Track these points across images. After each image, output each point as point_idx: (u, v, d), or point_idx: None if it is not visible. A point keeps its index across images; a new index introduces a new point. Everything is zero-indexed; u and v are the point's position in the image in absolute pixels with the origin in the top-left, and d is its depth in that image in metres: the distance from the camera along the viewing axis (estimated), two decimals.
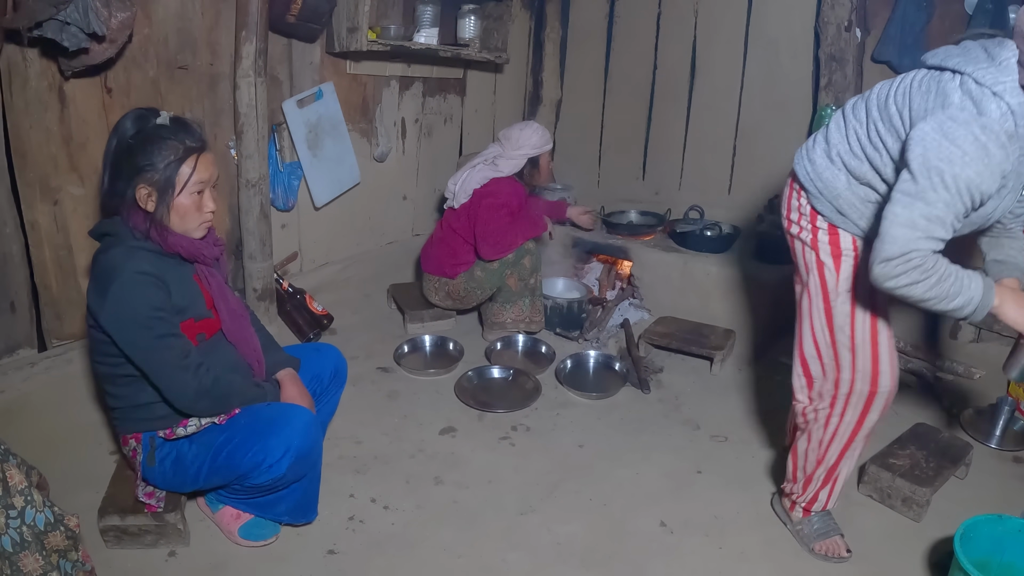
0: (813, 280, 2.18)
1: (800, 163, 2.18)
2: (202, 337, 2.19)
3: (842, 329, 2.14)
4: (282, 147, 3.71)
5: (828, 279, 2.13)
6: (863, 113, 1.98)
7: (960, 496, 2.68)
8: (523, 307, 3.98)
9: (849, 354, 2.15)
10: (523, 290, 3.95)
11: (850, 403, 2.22)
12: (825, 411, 2.29)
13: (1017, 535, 2.14)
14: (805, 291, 2.23)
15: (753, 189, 4.69)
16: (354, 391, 3.34)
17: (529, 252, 3.88)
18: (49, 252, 2.88)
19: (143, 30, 2.94)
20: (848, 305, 2.12)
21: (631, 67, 5.21)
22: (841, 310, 2.13)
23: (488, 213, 3.82)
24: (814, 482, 2.39)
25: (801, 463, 2.41)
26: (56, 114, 2.77)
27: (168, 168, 2.05)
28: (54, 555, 1.80)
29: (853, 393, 2.19)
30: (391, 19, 4.08)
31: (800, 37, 4.37)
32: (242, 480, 2.18)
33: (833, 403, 2.25)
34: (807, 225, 2.16)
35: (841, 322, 2.13)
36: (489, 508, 2.66)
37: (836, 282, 2.12)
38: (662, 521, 2.62)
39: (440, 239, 4.08)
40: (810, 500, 2.43)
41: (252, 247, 3.54)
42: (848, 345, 2.15)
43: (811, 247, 2.16)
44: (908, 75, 1.90)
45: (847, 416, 2.24)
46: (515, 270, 3.91)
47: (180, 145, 2.06)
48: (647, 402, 3.51)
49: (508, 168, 3.92)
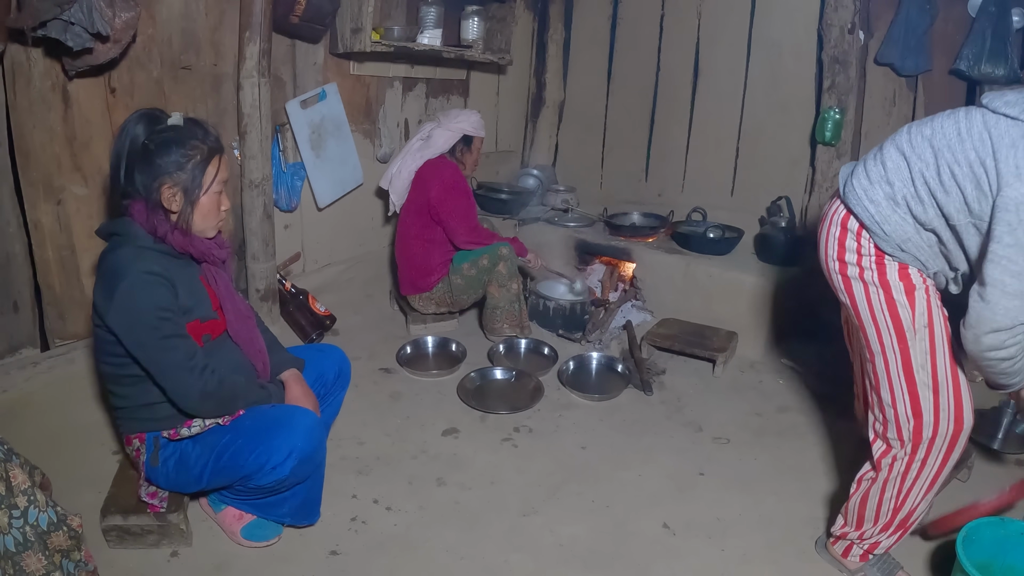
0: (883, 321, 2.04)
1: (859, 203, 2.00)
2: (207, 338, 2.19)
3: (923, 368, 2.01)
4: (285, 148, 3.71)
5: (904, 317, 2.00)
6: (929, 153, 1.87)
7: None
8: (514, 312, 3.96)
9: (931, 394, 2.02)
10: (506, 296, 3.93)
11: (934, 446, 2.07)
12: (906, 458, 2.12)
13: (1019, 538, 2.14)
14: (875, 334, 2.07)
15: (756, 191, 4.70)
16: (357, 392, 3.34)
17: (503, 259, 3.86)
18: (52, 252, 2.88)
19: (147, 30, 2.95)
20: (927, 342, 2.00)
21: (634, 69, 5.21)
22: (920, 348, 2.00)
23: (443, 195, 3.83)
24: (887, 530, 2.24)
25: (872, 512, 2.24)
26: (60, 114, 2.78)
27: (195, 169, 2.08)
28: (57, 555, 1.80)
29: (938, 436, 2.05)
30: (395, 20, 4.08)
31: (803, 39, 4.37)
32: (245, 481, 2.18)
33: (915, 450, 2.10)
34: (871, 265, 2.02)
35: (922, 361, 2.01)
36: (491, 509, 2.66)
37: (912, 319, 1.99)
38: (664, 523, 2.62)
39: (401, 256, 4.09)
40: (874, 544, 2.29)
41: (255, 247, 3.55)
42: (930, 385, 2.02)
43: (879, 286, 2.01)
44: (974, 115, 1.82)
45: (930, 460, 2.09)
46: (492, 277, 3.89)
47: (204, 146, 2.10)
48: (649, 404, 3.51)
49: (442, 140, 3.92)
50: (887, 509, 2.20)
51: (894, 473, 2.15)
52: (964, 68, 3.72)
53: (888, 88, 4.14)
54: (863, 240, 2.01)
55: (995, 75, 3.63)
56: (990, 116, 1.78)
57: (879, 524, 2.24)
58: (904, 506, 2.18)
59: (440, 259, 3.98)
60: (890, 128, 4.16)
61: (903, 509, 2.18)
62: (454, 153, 3.99)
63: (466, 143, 3.98)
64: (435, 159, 3.93)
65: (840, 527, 2.36)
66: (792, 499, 2.78)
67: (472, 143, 4.00)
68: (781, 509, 2.72)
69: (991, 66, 3.63)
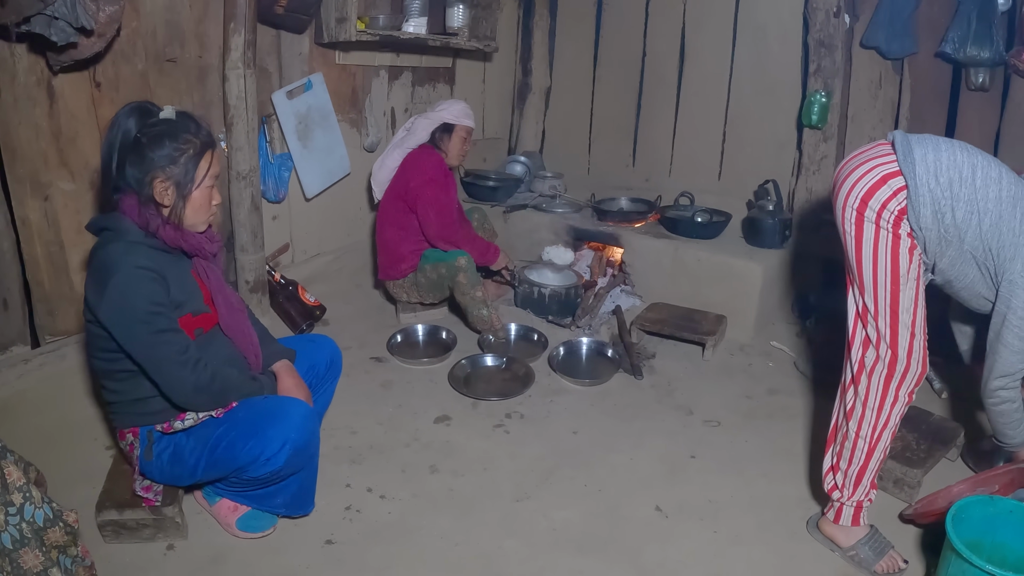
0: (883, 263, 2.18)
1: (920, 185, 2.10)
2: (199, 332, 2.19)
3: (907, 312, 2.17)
4: (272, 139, 3.71)
5: (902, 264, 2.15)
6: (988, 221, 2.10)
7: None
8: (482, 317, 3.91)
9: (909, 336, 2.19)
10: (471, 303, 3.89)
11: (904, 382, 2.23)
12: (879, 390, 2.27)
13: (1008, 516, 2.16)
14: (871, 274, 2.20)
15: (743, 175, 4.71)
16: (348, 381, 3.34)
17: (462, 269, 3.81)
18: (40, 248, 2.87)
19: (131, 23, 2.94)
20: (914, 292, 2.17)
21: (620, 54, 5.21)
22: (908, 295, 2.16)
23: (421, 186, 3.82)
24: (868, 473, 2.34)
25: (855, 453, 2.34)
26: (45, 109, 2.77)
27: (187, 163, 2.08)
28: (54, 551, 1.81)
29: (908, 373, 2.22)
30: (379, 9, 4.07)
31: (789, 23, 4.38)
32: (240, 473, 2.19)
33: (887, 382, 2.25)
34: (889, 217, 2.14)
35: (907, 306, 2.17)
36: (485, 495, 2.68)
37: (908, 269, 2.15)
38: (657, 506, 2.65)
39: (377, 242, 4.10)
40: (858, 505, 2.38)
41: (244, 239, 3.54)
42: (910, 328, 2.18)
43: (890, 232, 2.15)
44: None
45: (901, 395, 2.25)
46: (454, 285, 3.87)
47: (196, 140, 2.10)
48: (640, 388, 3.53)
49: (422, 128, 3.91)
50: (863, 449, 2.32)
51: (869, 408, 2.29)
52: (950, 51, 3.72)
53: (874, 71, 4.15)
54: (897, 198, 2.13)
55: (980, 58, 3.64)
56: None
57: (861, 467, 2.34)
58: (880, 440, 2.31)
59: (411, 248, 3.96)
60: (876, 111, 4.19)
61: (879, 445, 2.32)
62: (436, 142, 3.96)
63: (446, 131, 3.94)
64: (422, 150, 3.92)
65: (826, 471, 2.45)
66: (783, 480, 2.81)
67: (453, 131, 3.94)
68: (772, 490, 2.75)
69: (976, 49, 3.64)
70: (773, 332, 4.15)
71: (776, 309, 4.31)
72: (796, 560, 2.41)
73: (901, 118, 4.13)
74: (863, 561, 2.36)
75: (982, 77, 3.74)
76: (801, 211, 4.43)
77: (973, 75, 3.76)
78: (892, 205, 2.12)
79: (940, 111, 4.02)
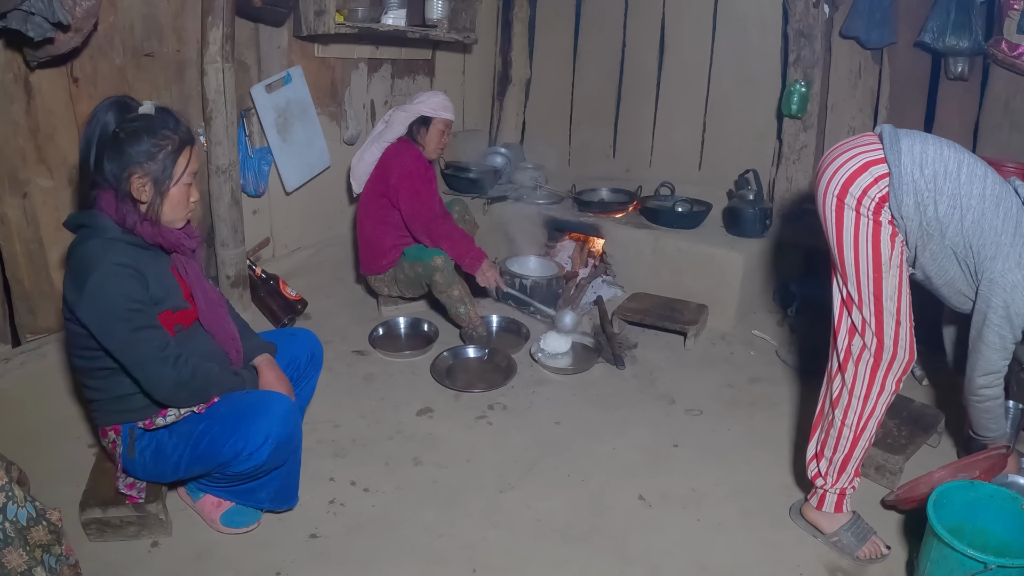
0: (865, 251, 2.18)
1: (903, 174, 2.11)
2: (179, 328, 2.18)
3: (891, 299, 2.18)
4: (251, 133, 3.69)
5: (883, 251, 2.16)
6: (969, 214, 2.12)
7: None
8: (460, 314, 3.88)
9: (894, 323, 2.19)
10: (449, 301, 3.87)
11: (891, 370, 2.24)
12: (866, 378, 2.27)
13: (989, 500, 2.20)
14: (853, 262, 2.21)
15: (723, 165, 4.74)
16: (330, 375, 3.35)
17: (437, 269, 3.77)
18: (20, 246, 2.84)
19: (108, 18, 2.91)
20: (897, 279, 2.18)
21: (600, 45, 5.22)
22: (891, 283, 2.17)
23: (401, 180, 3.80)
24: (852, 461, 2.36)
25: (840, 441, 2.35)
26: (23, 106, 2.74)
27: (166, 159, 2.06)
28: (38, 550, 1.80)
29: (896, 360, 2.22)
30: (358, 1, 4.05)
31: (768, 13, 4.40)
32: (223, 468, 2.19)
33: (875, 370, 2.25)
34: (870, 204, 2.15)
35: (891, 293, 2.18)
36: (468, 487, 2.69)
37: (890, 256, 2.16)
38: (640, 495, 2.67)
39: (358, 236, 4.08)
40: (841, 492, 2.40)
41: (224, 234, 3.53)
42: (895, 315, 2.19)
43: (871, 219, 2.16)
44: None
45: (888, 383, 2.26)
46: (431, 284, 3.86)
47: (175, 136, 2.08)
48: (622, 378, 3.55)
49: (399, 121, 3.89)
50: (848, 437, 2.33)
51: (855, 396, 2.29)
52: (929, 40, 3.75)
53: (854, 61, 4.18)
54: (878, 185, 2.14)
55: (960, 47, 3.67)
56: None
57: (846, 455, 2.35)
58: (866, 428, 2.32)
59: (392, 243, 3.94)
60: (856, 101, 4.22)
61: (866, 432, 2.33)
62: (413, 135, 3.93)
63: (424, 124, 3.90)
64: (399, 144, 3.90)
65: (810, 458, 2.47)
66: (765, 468, 2.84)
67: (431, 124, 3.90)
68: (755, 478, 2.78)
69: (956, 38, 3.67)
70: (754, 321, 4.18)
71: (757, 298, 4.34)
72: (779, 547, 2.44)
73: (881, 107, 4.16)
74: (846, 547, 2.38)
75: (961, 66, 3.78)
76: (781, 200, 4.47)
77: (952, 64, 3.80)
78: (873, 192, 2.13)
79: (920, 100, 4.05)
